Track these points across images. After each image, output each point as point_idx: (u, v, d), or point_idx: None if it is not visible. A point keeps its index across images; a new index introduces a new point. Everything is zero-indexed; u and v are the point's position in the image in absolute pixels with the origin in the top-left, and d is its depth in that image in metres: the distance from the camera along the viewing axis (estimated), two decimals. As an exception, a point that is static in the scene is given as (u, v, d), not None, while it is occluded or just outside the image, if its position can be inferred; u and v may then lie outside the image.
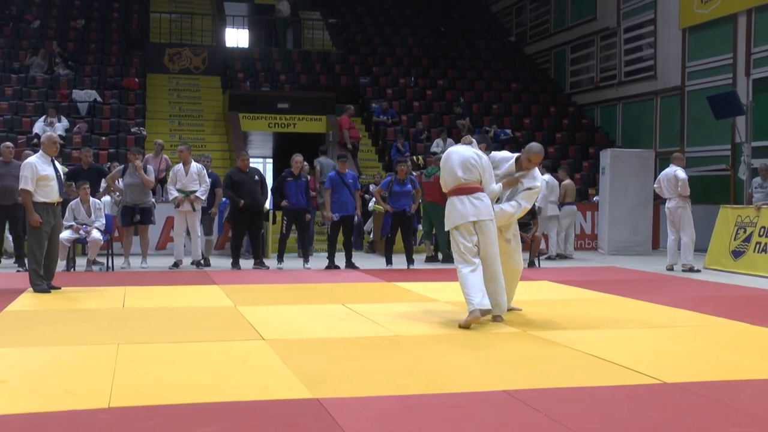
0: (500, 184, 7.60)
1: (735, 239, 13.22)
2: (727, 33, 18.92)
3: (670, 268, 13.20)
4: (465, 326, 7.13)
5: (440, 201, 13.77)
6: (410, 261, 13.40)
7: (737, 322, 7.72)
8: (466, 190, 7.34)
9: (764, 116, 17.11)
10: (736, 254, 12.96)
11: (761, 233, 12.80)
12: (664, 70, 21.01)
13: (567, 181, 16.15)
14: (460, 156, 7.49)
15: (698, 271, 12.81)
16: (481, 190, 7.35)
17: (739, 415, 4.50)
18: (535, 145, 7.76)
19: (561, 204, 15.82)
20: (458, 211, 7.34)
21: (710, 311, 8.34)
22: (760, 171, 15.52)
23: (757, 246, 12.75)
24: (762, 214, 12.90)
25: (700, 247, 13.67)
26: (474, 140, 7.79)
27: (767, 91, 16.88)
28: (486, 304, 7.17)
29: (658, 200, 18.42)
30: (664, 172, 13.51)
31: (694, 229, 13.16)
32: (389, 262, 13.43)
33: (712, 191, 18.71)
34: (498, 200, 7.69)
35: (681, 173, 13.11)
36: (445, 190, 7.56)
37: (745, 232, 13.08)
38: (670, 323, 7.76)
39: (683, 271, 12.93)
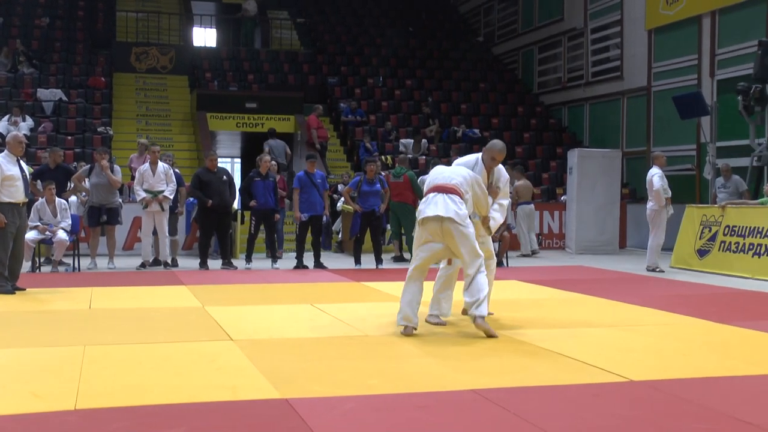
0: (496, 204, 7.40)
1: (700, 238, 13.36)
2: (692, 34, 19.11)
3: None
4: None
5: (408, 201, 13.85)
6: (379, 261, 13.42)
7: (704, 320, 7.80)
8: (442, 188, 6.99)
9: (728, 117, 17.30)
10: (702, 253, 13.10)
11: (725, 232, 12.94)
12: (631, 71, 21.18)
13: (521, 182, 16.18)
14: (461, 163, 7.31)
15: (662, 272, 12.88)
16: (459, 194, 6.94)
17: (706, 413, 4.54)
18: (497, 143, 7.61)
19: (516, 204, 15.87)
20: (425, 205, 6.97)
21: (677, 310, 8.42)
22: (721, 171, 15.71)
23: (722, 245, 12.89)
24: (726, 213, 13.05)
25: (667, 246, 13.78)
26: None
27: (731, 92, 17.05)
28: (403, 322, 6.88)
29: (626, 199, 18.63)
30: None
31: (664, 232, 13.09)
32: (358, 262, 13.43)
33: (677, 191, 18.79)
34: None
35: (656, 181, 12.92)
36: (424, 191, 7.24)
37: (710, 231, 13.22)
38: (637, 322, 7.82)
39: (648, 270, 13.00)
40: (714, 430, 4.26)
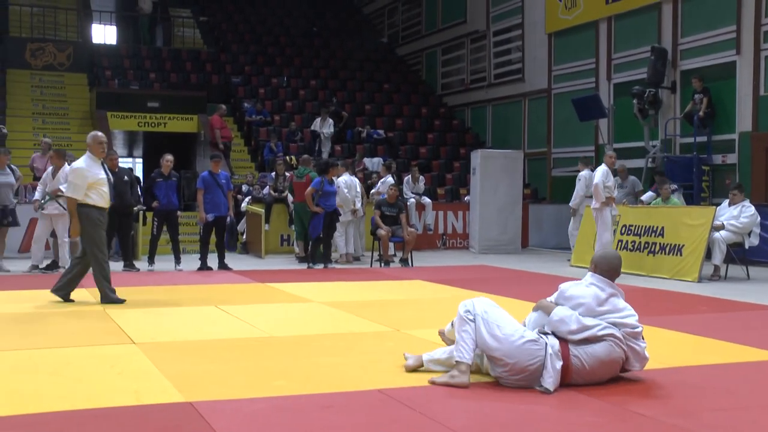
0: None
1: (598, 237, 13.69)
2: (589, 39, 19.60)
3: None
4: None
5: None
6: (328, 260, 13.54)
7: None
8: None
9: (624, 119, 17.81)
10: (600, 252, 13.41)
11: (623, 231, 13.32)
12: (532, 73, 21.59)
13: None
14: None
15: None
16: None
17: (598, 405, 4.65)
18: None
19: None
20: None
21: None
22: (618, 172, 16.13)
23: (620, 244, 13.24)
24: (624, 213, 13.42)
25: (568, 245, 14.08)
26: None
27: (627, 95, 17.58)
28: None
29: (527, 199, 18.98)
30: None
31: (610, 232, 12.52)
32: (313, 262, 13.38)
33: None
34: None
35: (597, 176, 12.51)
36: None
37: (607, 230, 13.56)
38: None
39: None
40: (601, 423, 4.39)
